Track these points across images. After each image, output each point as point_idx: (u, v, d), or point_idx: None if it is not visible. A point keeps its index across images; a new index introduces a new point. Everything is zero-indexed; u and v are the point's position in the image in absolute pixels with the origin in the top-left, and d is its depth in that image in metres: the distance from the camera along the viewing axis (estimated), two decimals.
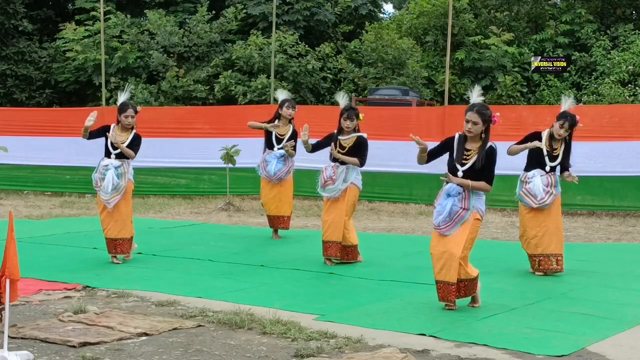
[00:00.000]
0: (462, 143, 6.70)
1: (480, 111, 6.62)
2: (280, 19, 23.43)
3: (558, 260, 8.29)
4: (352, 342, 5.61)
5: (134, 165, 9.45)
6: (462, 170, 6.61)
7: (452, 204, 6.57)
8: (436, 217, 6.66)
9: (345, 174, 8.68)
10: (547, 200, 8.24)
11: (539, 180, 8.26)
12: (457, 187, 6.60)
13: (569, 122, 8.27)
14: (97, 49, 22.44)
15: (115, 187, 8.80)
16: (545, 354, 5.41)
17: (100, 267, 8.63)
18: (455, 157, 6.68)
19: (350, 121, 8.75)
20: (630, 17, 24.76)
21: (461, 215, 6.57)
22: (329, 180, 8.69)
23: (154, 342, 5.63)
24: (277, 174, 10.41)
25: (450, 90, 20.28)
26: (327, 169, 8.77)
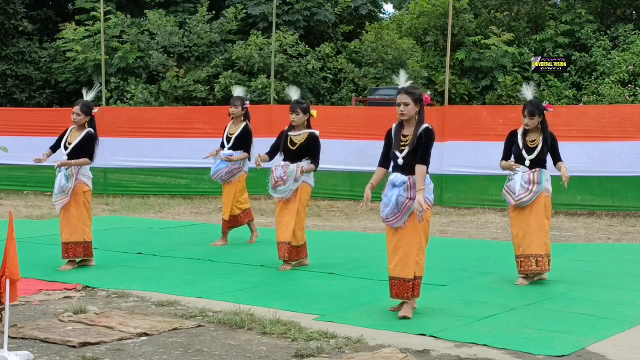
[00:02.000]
0: (398, 130, 6.60)
1: (408, 91, 6.50)
2: (280, 19, 23.43)
3: (538, 261, 7.86)
4: (352, 342, 5.61)
5: (134, 165, 9.38)
6: (402, 157, 6.48)
7: (398, 194, 6.43)
8: (383, 210, 6.53)
9: (296, 173, 8.51)
10: (525, 198, 7.86)
11: (519, 177, 7.92)
12: (402, 176, 6.46)
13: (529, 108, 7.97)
14: (97, 49, 22.44)
15: (62, 189, 8.51)
16: (545, 354, 5.41)
17: (100, 267, 8.63)
18: (394, 145, 6.56)
19: (296, 114, 8.59)
20: (630, 17, 24.77)
21: (408, 205, 6.41)
22: (279, 180, 8.50)
23: (154, 342, 5.63)
24: (217, 173, 10.20)
25: (450, 90, 20.28)
26: (277, 169, 8.56)
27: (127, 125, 16.73)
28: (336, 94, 23.23)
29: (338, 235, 11.35)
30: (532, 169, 7.95)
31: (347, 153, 15.34)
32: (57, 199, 8.59)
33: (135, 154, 16.45)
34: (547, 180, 7.99)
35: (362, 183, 15.54)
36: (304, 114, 8.63)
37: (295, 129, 8.66)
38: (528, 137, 8.03)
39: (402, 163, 6.51)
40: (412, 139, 6.46)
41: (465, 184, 14.89)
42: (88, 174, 8.71)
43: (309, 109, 8.70)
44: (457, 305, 6.86)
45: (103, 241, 10.40)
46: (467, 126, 14.79)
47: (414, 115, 6.52)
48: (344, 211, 14.18)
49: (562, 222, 13.02)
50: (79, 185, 8.57)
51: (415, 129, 6.48)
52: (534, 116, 7.98)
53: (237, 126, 10.25)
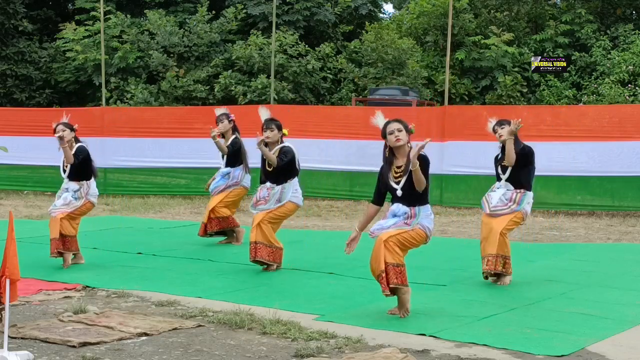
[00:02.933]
0: (390, 162, 6.55)
1: (397, 120, 6.54)
2: (280, 19, 23.43)
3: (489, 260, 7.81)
4: (352, 342, 5.61)
5: (134, 165, 9.40)
6: (400, 188, 6.46)
7: (396, 221, 6.47)
8: (374, 227, 6.54)
9: (280, 194, 8.47)
10: (502, 211, 7.86)
11: (500, 192, 7.93)
12: (403, 207, 6.46)
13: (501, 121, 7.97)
14: (97, 49, 22.44)
15: (67, 204, 8.61)
16: (545, 354, 5.41)
17: (100, 267, 8.63)
18: (388, 179, 6.52)
19: (270, 131, 8.51)
20: (630, 17, 24.76)
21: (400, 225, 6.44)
22: (261, 200, 8.48)
23: (154, 342, 5.63)
24: (216, 189, 10.33)
25: (450, 90, 20.29)
26: (262, 190, 8.53)
27: (127, 125, 16.74)
28: (336, 94, 23.23)
29: (338, 235, 11.33)
30: (517, 189, 7.92)
31: (347, 153, 15.35)
32: (57, 209, 8.64)
33: (135, 154, 16.46)
34: (528, 203, 7.99)
35: (362, 183, 15.65)
36: (278, 131, 8.58)
37: (270, 147, 8.55)
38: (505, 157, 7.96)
39: (401, 195, 6.50)
40: (405, 167, 6.43)
41: (465, 184, 14.89)
42: (95, 192, 8.87)
43: (282, 127, 8.64)
44: (457, 305, 6.86)
45: (103, 241, 10.41)
46: (467, 126, 14.78)
47: (406, 143, 6.51)
48: (344, 211, 14.18)
49: (562, 222, 13.03)
50: (87, 204, 8.76)
51: (407, 157, 6.44)
52: (504, 125, 7.93)
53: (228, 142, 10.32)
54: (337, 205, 14.81)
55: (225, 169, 10.36)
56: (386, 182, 6.54)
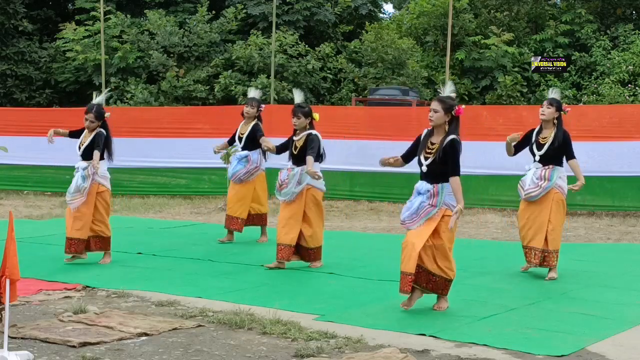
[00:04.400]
0: (427, 137, 6.74)
1: (441, 99, 6.67)
2: (280, 19, 23.43)
3: (536, 254, 8.03)
4: (352, 342, 5.61)
5: (134, 165, 9.40)
6: (426, 164, 6.62)
7: (421, 201, 6.60)
8: (403, 213, 6.69)
9: (299, 176, 8.49)
10: (534, 193, 8.06)
11: (531, 173, 8.20)
12: (427, 185, 6.61)
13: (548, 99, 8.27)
14: (97, 49, 22.44)
15: (78, 189, 8.65)
16: (545, 354, 5.41)
17: (100, 267, 8.63)
18: (419, 151, 6.70)
19: (297, 119, 8.57)
20: (630, 17, 24.77)
21: (427, 211, 6.58)
22: (282, 183, 8.54)
23: (154, 342, 5.63)
24: (235, 174, 10.21)
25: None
26: (282, 172, 8.62)
27: (127, 125, 16.71)
28: (336, 94, 23.24)
29: (338, 235, 11.34)
30: (546, 165, 8.15)
31: (347, 153, 15.34)
32: (73, 198, 8.70)
33: (135, 154, 16.44)
34: (559, 177, 8.16)
35: (362, 183, 15.65)
36: (305, 118, 8.62)
37: (298, 133, 8.66)
38: (541, 134, 8.27)
39: (426, 171, 6.66)
40: (437, 148, 6.59)
41: (465, 184, 14.69)
42: (105, 174, 8.90)
43: (311, 113, 8.69)
44: (457, 305, 6.86)
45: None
46: (467, 126, 14.73)
47: (442, 124, 6.66)
48: (344, 211, 14.17)
49: None
50: (94, 186, 8.74)
51: (442, 140, 6.60)
52: (552, 106, 8.19)
53: (247, 126, 10.29)
54: (337, 205, 14.80)
55: (242, 152, 10.25)
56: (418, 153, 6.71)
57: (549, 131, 8.22)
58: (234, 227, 10.30)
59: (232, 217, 10.28)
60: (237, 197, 10.26)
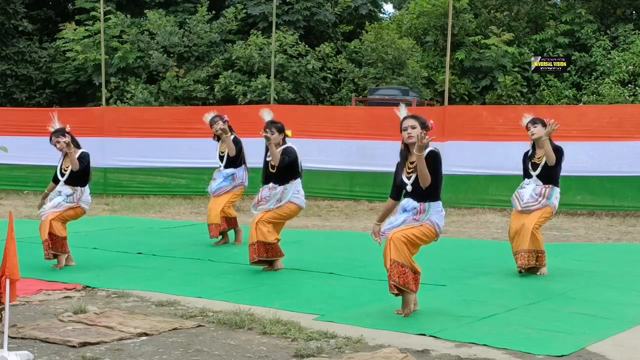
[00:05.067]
0: (404, 158, 6.65)
1: (414, 116, 6.64)
2: (280, 19, 23.43)
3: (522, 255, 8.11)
4: (352, 342, 5.61)
5: (134, 165, 9.39)
6: (410, 183, 6.53)
7: (406, 217, 6.52)
8: (384, 226, 6.57)
9: (281, 195, 8.43)
10: (533, 207, 8.21)
11: (531, 188, 8.28)
12: (413, 202, 6.52)
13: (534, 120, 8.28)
14: (97, 49, 22.44)
15: (56, 206, 8.57)
16: (545, 354, 5.41)
17: (100, 267, 8.63)
18: (400, 173, 6.62)
19: (271, 134, 8.45)
20: (630, 17, 24.77)
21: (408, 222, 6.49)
22: (262, 200, 8.46)
23: (154, 342, 5.63)
24: (221, 189, 10.31)
25: (450, 90, 20.29)
26: (264, 190, 8.52)
27: (127, 125, 16.74)
28: (336, 94, 23.23)
29: (338, 235, 11.35)
30: (546, 184, 8.29)
31: (347, 153, 15.35)
32: (47, 211, 8.59)
33: (135, 154, 16.45)
34: (556, 198, 8.36)
35: (362, 183, 15.66)
36: (279, 134, 8.54)
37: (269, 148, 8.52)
38: (536, 154, 8.36)
39: (411, 190, 6.57)
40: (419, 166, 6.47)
41: (465, 184, 14.90)
42: (88, 200, 8.81)
43: (284, 129, 8.62)
44: (457, 305, 6.86)
45: (103, 241, 10.42)
46: (467, 126, 14.79)
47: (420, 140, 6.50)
48: (344, 211, 14.17)
49: (562, 222, 13.02)
50: (77, 210, 8.72)
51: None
52: (537, 124, 8.27)
53: (225, 143, 10.31)
54: (337, 205, 14.81)
55: (227, 170, 10.33)
56: (399, 176, 6.63)
57: (542, 151, 8.26)
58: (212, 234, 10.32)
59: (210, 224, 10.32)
60: (214, 205, 10.34)
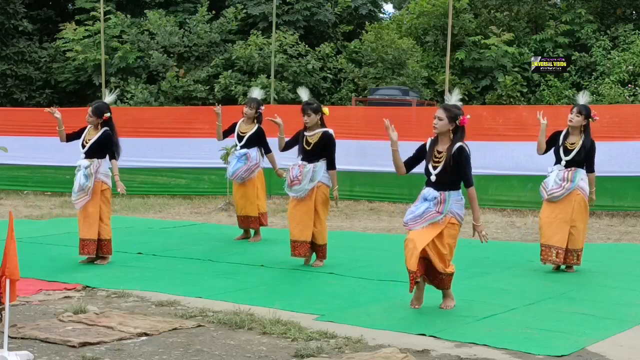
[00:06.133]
0: (433, 145, 6.73)
1: (446, 107, 6.71)
2: (280, 19, 23.43)
3: (558, 253, 8.26)
4: (352, 342, 5.61)
5: (134, 165, 9.39)
6: (435, 173, 6.62)
7: (427, 207, 6.60)
8: (407, 215, 6.68)
9: (312, 173, 8.54)
10: (557, 193, 8.26)
11: (555, 174, 8.36)
12: (434, 191, 6.60)
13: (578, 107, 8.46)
14: (97, 49, 22.44)
15: (82, 188, 8.63)
16: (545, 354, 5.41)
17: (100, 267, 8.63)
18: (427, 160, 6.70)
19: (307, 116, 8.58)
20: (630, 17, 24.75)
21: (432, 216, 6.58)
22: (295, 180, 8.54)
23: (154, 342, 5.63)
24: (236, 173, 10.24)
25: (450, 90, 20.25)
26: (293, 168, 8.61)
27: (127, 125, 16.70)
28: (336, 94, 23.23)
29: (338, 235, 11.34)
30: (569, 167, 8.34)
31: (347, 153, 15.32)
32: (78, 197, 8.69)
33: (135, 154, 16.42)
34: (581, 179, 8.37)
35: (362, 183, 15.65)
36: (315, 114, 8.64)
37: (310, 129, 8.67)
38: (569, 139, 8.45)
39: (435, 180, 6.65)
40: (446, 156, 6.60)
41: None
42: (107, 172, 8.88)
43: (320, 109, 8.72)
44: (457, 305, 6.86)
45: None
46: (467, 126, 14.74)
47: (446, 131, 6.67)
48: (344, 211, 14.17)
49: None
50: (97, 184, 8.72)
51: (449, 148, 6.62)
52: (580, 115, 8.43)
53: (249, 126, 10.34)
54: (337, 205, 14.80)
55: (241, 150, 10.29)
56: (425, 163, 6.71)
57: (577, 137, 8.42)
58: (252, 225, 10.37)
59: (247, 216, 10.36)
60: (245, 197, 10.33)
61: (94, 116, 8.80)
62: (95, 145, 8.73)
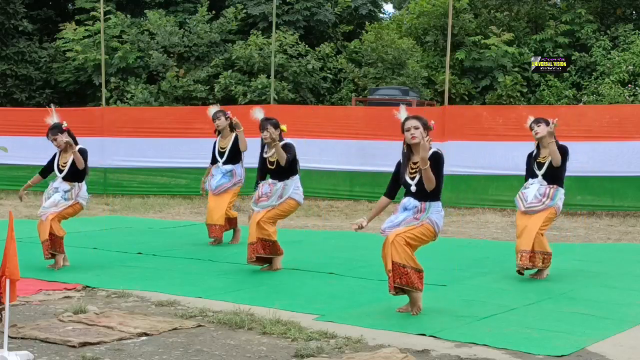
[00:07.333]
0: (406, 159, 6.70)
1: (416, 117, 6.67)
2: (280, 19, 23.42)
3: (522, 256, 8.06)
4: (352, 342, 5.61)
5: (134, 165, 9.39)
6: (414, 184, 6.60)
7: (406, 216, 6.61)
8: (385, 224, 6.68)
9: (282, 191, 8.47)
10: (536, 208, 8.16)
11: (535, 188, 8.23)
12: (414, 200, 6.60)
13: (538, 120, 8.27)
14: (97, 49, 22.44)
15: (55, 204, 8.54)
16: (545, 354, 5.41)
17: (100, 267, 8.63)
18: (402, 173, 6.68)
19: (267, 132, 8.47)
20: (630, 17, 24.76)
21: (408, 221, 6.58)
22: (263, 196, 8.46)
23: (154, 342, 5.63)
24: (220, 187, 10.29)
25: (450, 90, 20.28)
26: (263, 185, 8.52)
27: (127, 125, 16.74)
28: (336, 94, 23.23)
29: (338, 235, 11.34)
30: (550, 184, 8.24)
31: (347, 153, 15.35)
32: (47, 211, 8.55)
33: (135, 154, 16.46)
34: (560, 199, 8.31)
35: (362, 183, 15.65)
36: (275, 129, 8.55)
37: (270, 147, 8.56)
38: (541, 154, 8.33)
39: (415, 190, 6.63)
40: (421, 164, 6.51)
41: (465, 184, 14.89)
42: (85, 195, 8.81)
43: (279, 124, 8.64)
44: (457, 305, 6.86)
45: (103, 241, 10.42)
46: (467, 126, 14.79)
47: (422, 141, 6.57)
48: (344, 211, 14.17)
49: (562, 222, 13.01)
50: (76, 206, 8.70)
51: None
52: (540, 123, 8.25)
53: (226, 139, 10.35)
54: (337, 205, 14.81)
55: (226, 166, 10.33)
56: (402, 176, 6.69)
57: (547, 150, 8.24)
58: (214, 234, 10.33)
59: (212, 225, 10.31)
60: (215, 204, 10.32)
61: (57, 134, 8.61)
62: (72, 167, 8.62)
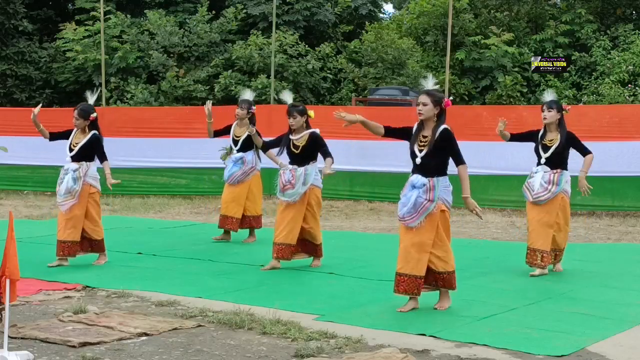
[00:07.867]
0: (418, 131, 6.75)
1: (429, 92, 6.71)
2: (280, 19, 23.42)
3: (543, 256, 8.17)
4: (352, 342, 5.61)
5: (134, 165, 9.38)
6: (420, 157, 6.63)
7: (417, 196, 6.58)
8: (401, 209, 6.68)
9: (305, 177, 8.50)
10: (542, 197, 8.21)
11: (540, 176, 8.28)
12: (422, 178, 6.61)
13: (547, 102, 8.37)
14: (97, 49, 22.43)
15: (69, 191, 8.55)
16: (545, 354, 5.41)
17: (100, 267, 8.64)
18: (412, 143, 6.72)
19: (293, 118, 8.56)
20: (630, 17, 24.76)
21: (425, 206, 6.56)
22: (287, 184, 8.48)
23: (154, 342, 5.63)
24: (232, 176, 10.26)
25: (450, 90, 20.28)
26: (284, 173, 8.54)
27: (127, 125, 16.72)
28: (336, 94, 23.23)
29: (338, 235, 11.34)
30: (554, 169, 8.29)
31: (347, 153, 15.33)
32: (64, 200, 8.60)
33: (135, 154, 16.44)
34: (566, 182, 8.37)
35: (362, 183, 15.65)
36: (301, 117, 8.62)
37: (296, 132, 8.65)
38: (547, 137, 8.39)
39: (420, 163, 6.65)
40: (430, 139, 6.59)
41: None
42: (95, 175, 8.82)
43: (306, 111, 8.70)
44: (457, 305, 6.86)
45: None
46: (467, 126, 14.76)
47: (432, 116, 6.67)
48: (344, 211, 14.17)
49: None
50: (85, 187, 8.67)
51: (433, 131, 6.61)
52: (552, 109, 8.31)
53: (242, 129, 10.30)
54: (337, 205, 14.80)
55: (237, 154, 10.31)
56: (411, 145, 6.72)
57: (554, 134, 8.33)
58: (229, 226, 10.31)
59: (227, 216, 10.31)
60: (232, 196, 10.30)
61: (81, 118, 8.71)
62: (83, 148, 8.67)
